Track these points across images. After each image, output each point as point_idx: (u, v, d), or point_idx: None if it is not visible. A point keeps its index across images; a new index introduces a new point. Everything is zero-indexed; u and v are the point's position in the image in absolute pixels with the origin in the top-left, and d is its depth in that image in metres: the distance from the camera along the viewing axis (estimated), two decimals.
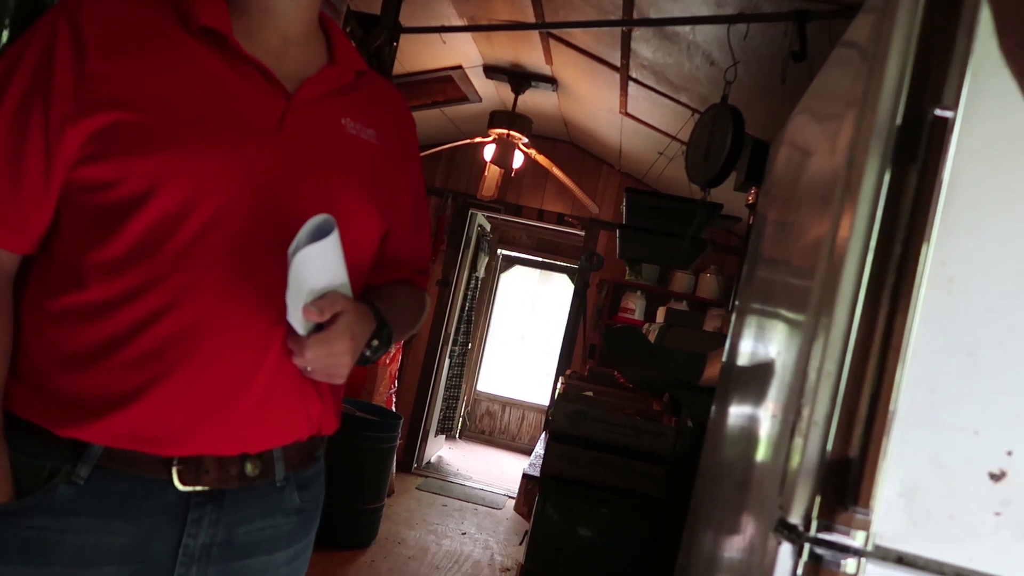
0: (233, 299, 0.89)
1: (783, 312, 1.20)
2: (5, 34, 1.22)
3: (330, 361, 0.89)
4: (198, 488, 0.90)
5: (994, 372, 0.82)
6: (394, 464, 4.21)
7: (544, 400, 6.65)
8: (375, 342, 0.95)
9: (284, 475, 0.98)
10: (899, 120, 0.82)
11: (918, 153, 0.79)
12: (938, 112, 0.78)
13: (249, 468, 0.94)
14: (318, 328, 0.88)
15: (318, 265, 0.85)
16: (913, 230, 0.79)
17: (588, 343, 5.25)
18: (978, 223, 0.83)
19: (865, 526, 0.81)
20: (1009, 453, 0.82)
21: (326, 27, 1.06)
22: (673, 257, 3.49)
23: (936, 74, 0.81)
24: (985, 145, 0.83)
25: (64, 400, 0.86)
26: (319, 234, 0.85)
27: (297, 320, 0.86)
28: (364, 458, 3.66)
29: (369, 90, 1.08)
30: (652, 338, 3.41)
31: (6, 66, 0.88)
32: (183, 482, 0.89)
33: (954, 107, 0.79)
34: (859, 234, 0.83)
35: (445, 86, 4.21)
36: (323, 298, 0.86)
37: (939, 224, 0.80)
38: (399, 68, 3.64)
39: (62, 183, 0.88)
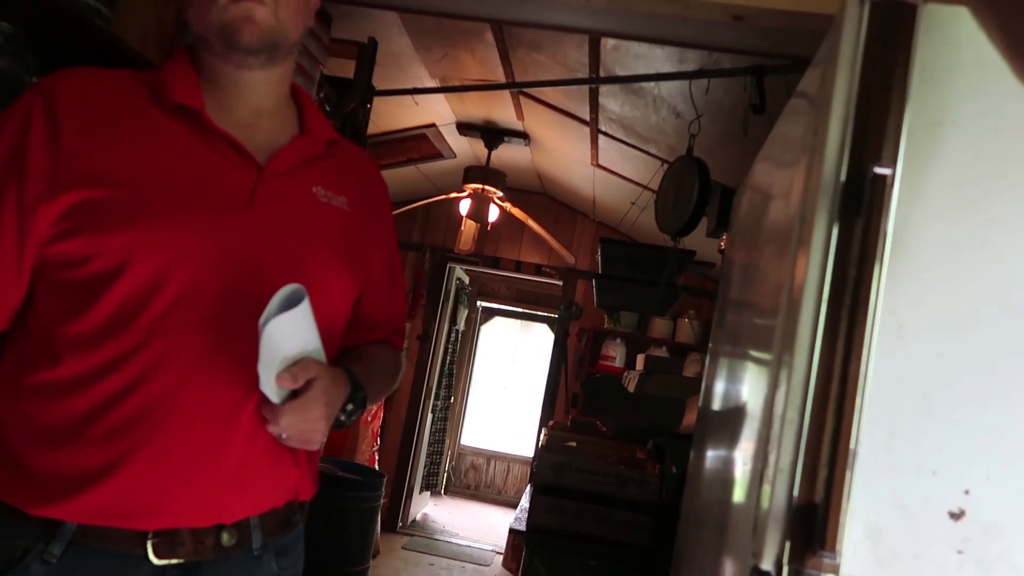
0: (205, 369, 0.90)
1: (750, 355, 1.23)
2: None
3: (305, 427, 0.90)
4: (173, 561, 0.90)
5: (947, 413, 0.85)
6: (379, 524, 4.15)
7: (529, 451, 6.60)
8: (349, 406, 0.97)
9: (261, 543, 0.98)
10: (843, 176, 0.86)
11: (862, 207, 0.83)
12: (877, 170, 0.83)
13: (225, 538, 0.94)
14: (292, 395, 0.89)
15: (289, 333, 0.87)
16: (861, 279, 0.82)
17: (570, 392, 5.25)
18: (924, 271, 0.87)
19: (834, 569, 0.82)
20: (966, 492, 0.84)
21: (298, 98, 1.10)
22: (649, 304, 3.53)
23: (874, 132, 0.85)
24: (926, 199, 0.88)
25: (36, 478, 0.87)
26: (290, 303, 0.87)
27: (270, 388, 0.88)
28: (347, 519, 3.61)
29: (340, 158, 1.12)
30: (632, 385, 3.42)
31: None
32: (158, 555, 0.89)
33: (892, 164, 0.83)
34: (812, 284, 0.87)
35: (419, 143, 4.29)
36: (296, 365, 0.87)
37: (886, 273, 0.83)
38: (373, 128, 3.70)
39: (35, 260, 0.89)
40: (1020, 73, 0.58)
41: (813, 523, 0.83)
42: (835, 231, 0.86)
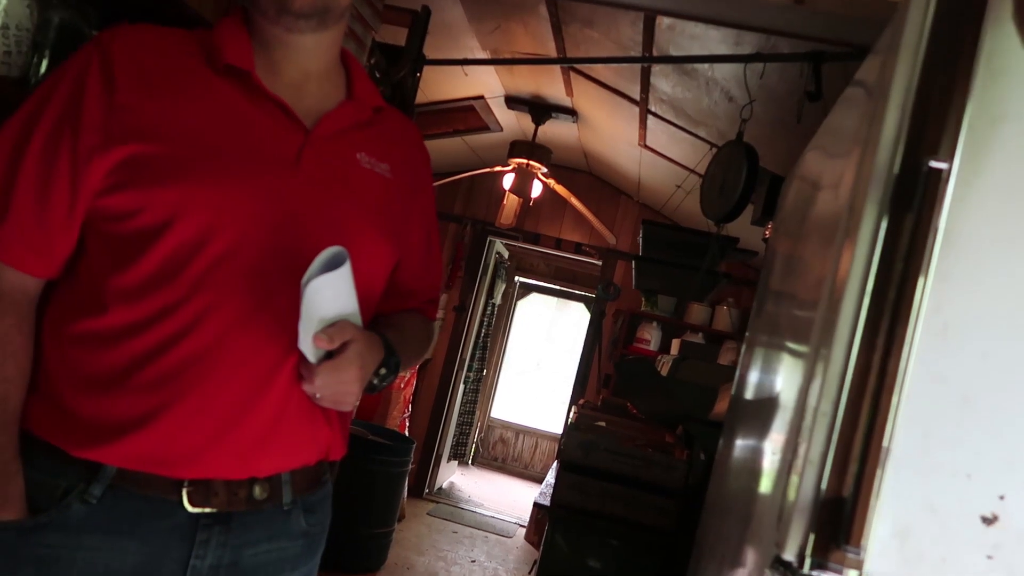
0: (247, 325, 0.92)
1: (786, 347, 1.22)
2: (44, 64, 1.28)
3: (339, 388, 0.92)
4: (207, 510, 0.93)
5: (987, 417, 0.84)
6: (405, 489, 4.22)
7: (558, 428, 6.64)
8: (383, 371, 0.98)
9: (291, 499, 1.00)
10: (896, 168, 0.84)
11: (914, 202, 0.81)
12: (933, 164, 0.80)
13: (257, 491, 0.96)
14: (328, 356, 0.91)
15: (330, 295, 0.88)
16: (907, 276, 0.81)
17: (603, 373, 5.25)
18: (974, 271, 0.85)
19: (857, 565, 0.82)
20: (1001, 497, 0.83)
21: (347, 63, 1.10)
22: (688, 289, 3.50)
23: (933, 125, 0.83)
24: (982, 196, 0.85)
25: (80, 421, 0.90)
26: (332, 265, 0.88)
27: (308, 348, 0.89)
28: (375, 482, 3.67)
29: (385, 125, 1.12)
30: (665, 369, 3.41)
31: (41, 95, 0.93)
32: (192, 504, 0.92)
33: (950, 159, 0.81)
34: (856, 277, 0.85)
35: (467, 115, 4.28)
36: (333, 326, 0.89)
37: (935, 271, 0.82)
38: (422, 97, 3.71)
39: (86, 211, 0.92)
40: None
41: (840, 517, 0.82)
42: (884, 225, 0.84)
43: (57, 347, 0.92)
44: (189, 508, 0.92)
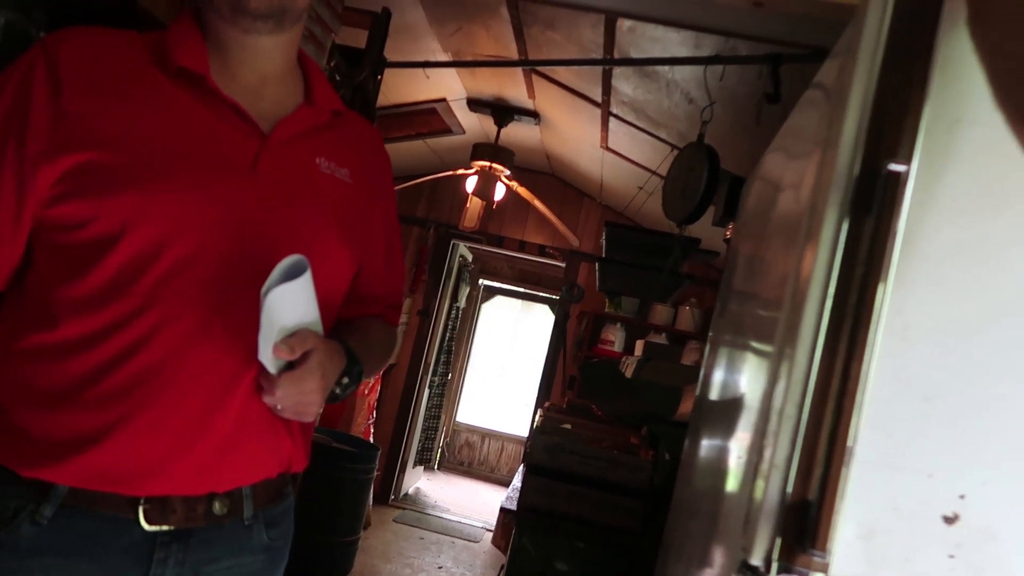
0: (205, 337, 0.89)
1: (750, 347, 1.22)
2: None
3: (300, 399, 0.90)
4: (164, 528, 0.90)
5: (948, 417, 0.85)
6: (371, 496, 4.17)
7: (524, 431, 6.63)
8: (345, 379, 0.96)
9: (252, 513, 0.98)
10: (856, 171, 0.85)
11: (873, 204, 0.82)
12: (892, 166, 0.81)
13: (217, 507, 0.94)
14: (289, 366, 0.88)
15: (290, 304, 0.86)
16: (869, 279, 0.81)
17: (568, 375, 5.26)
18: (933, 273, 0.86)
19: (823, 568, 0.82)
20: (962, 497, 0.84)
21: (304, 66, 1.08)
22: (651, 290, 3.52)
23: (891, 128, 0.84)
24: (939, 198, 0.86)
25: (30, 439, 0.86)
26: (292, 273, 0.86)
27: (268, 359, 0.87)
28: (340, 490, 3.62)
29: (345, 129, 1.10)
30: (630, 371, 3.42)
31: None
32: (149, 522, 0.89)
33: (908, 161, 0.82)
34: (818, 280, 0.85)
35: (429, 118, 4.26)
36: (294, 336, 0.87)
37: (895, 273, 0.82)
38: (383, 100, 3.67)
39: (34, 221, 0.88)
40: (1001, 104, 0.56)
41: (805, 520, 0.82)
42: (845, 227, 0.84)
43: (5, 363, 0.89)
44: (146, 526, 0.89)
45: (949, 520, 0.84)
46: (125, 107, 0.90)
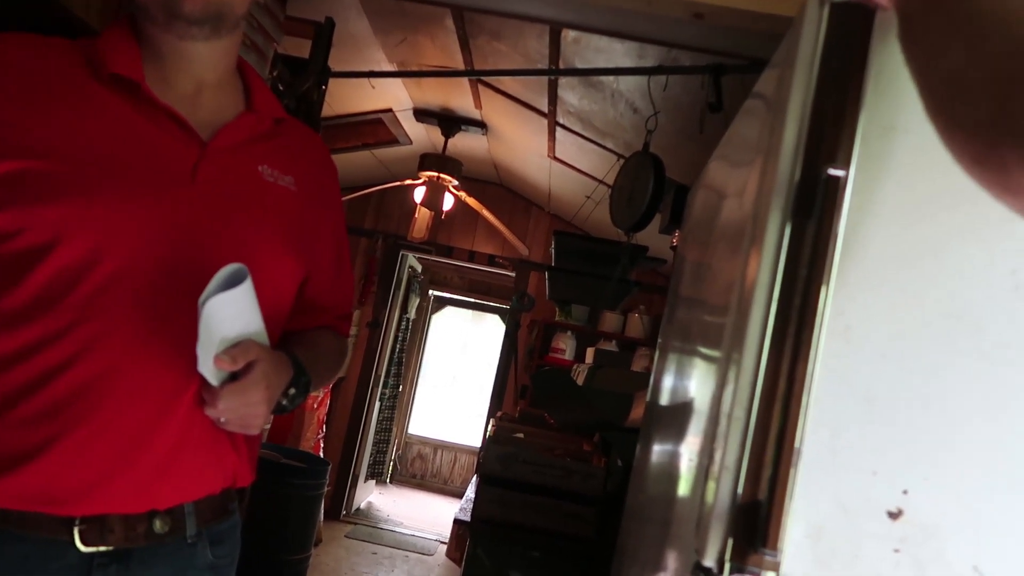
0: (142, 351, 0.87)
1: (698, 352, 1.24)
2: None
3: (244, 411, 0.88)
4: (102, 548, 0.87)
5: (888, 415, 0.87)
6: (322, 512, 4.10)
7: (476, 442, 6.60)
8: (292, 391, 0.94)
9: (196, 530, 0.95)
10: (797, 177, 0.86)
11: (814, 208, 0.84)
12: (831, 171, 0.83)
13: (158, 525, 0.91)
14: (232, 378, 0.86)
15: (230, 313, 0.84)
16: (811, 281, 0.83)
17: (520, 384, 5.26)
18: (873, 274, 0.88)
19: (775, 567, 0.83)
20: (905, 492, 0.86)
21: (244, 74, 1.06)
22: (601, 298, 3.55)
23: (829, 134, 0.86)
24: (877, 203, 0.89)
25: None
26: (232, 282, 0.84)
27: (209, 370, 0.85)
28: (290, 507, 3.55)
29: (288, 137, 1.08)
30: (581, 379, 3.44)
31: None
32: (85, 543, 0.85)
33: (846, 166, 0.84)
34: (763, 284, 0.87)
35: (375, 128, 4.23)
36: (236, 347, 0.85)
37: (836, 276, 0.84)
38: (328, 111, 3.63)
39: None
40: (933, 118, 0.58)
41: (756, 521, 0.83)
42: (787, 231, 0.86)
43: None
44: (82, 548, 0.85)
45: (893, 515, 0.86)
46: (58, 115, 0.87)
